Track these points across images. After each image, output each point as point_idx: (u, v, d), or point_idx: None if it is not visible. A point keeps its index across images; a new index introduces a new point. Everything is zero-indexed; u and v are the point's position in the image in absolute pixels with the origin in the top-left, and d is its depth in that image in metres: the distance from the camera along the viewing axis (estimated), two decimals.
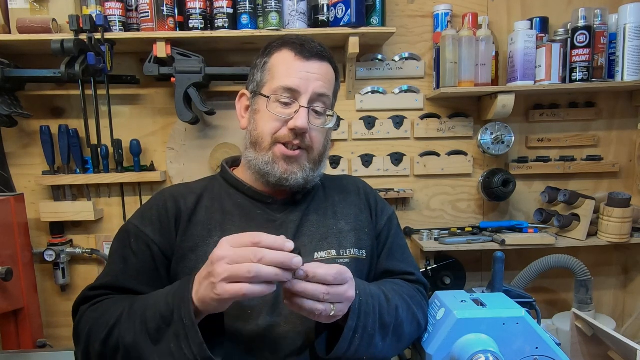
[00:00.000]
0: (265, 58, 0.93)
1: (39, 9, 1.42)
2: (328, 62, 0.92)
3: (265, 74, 0.91)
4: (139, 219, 0.91)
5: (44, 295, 1.63)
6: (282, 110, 0.88)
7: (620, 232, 1.52)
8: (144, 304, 0.76)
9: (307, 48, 0.89)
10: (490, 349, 0.82)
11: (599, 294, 1.73)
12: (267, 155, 0.89)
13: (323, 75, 0.90)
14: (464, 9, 1.60)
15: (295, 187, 0.90)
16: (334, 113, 0.94)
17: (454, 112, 1.66)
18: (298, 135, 0.87)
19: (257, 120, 0.91)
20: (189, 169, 1.61)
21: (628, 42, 1.48)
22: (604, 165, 1.68)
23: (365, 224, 0.98)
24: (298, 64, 0.88)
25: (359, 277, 0.91)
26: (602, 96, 1.67)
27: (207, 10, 1.45)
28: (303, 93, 0.87)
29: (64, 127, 1.53)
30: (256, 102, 0.92)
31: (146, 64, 1.44)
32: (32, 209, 1.58)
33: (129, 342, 0.73)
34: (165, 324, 0.71)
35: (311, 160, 0.91)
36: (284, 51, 0.90)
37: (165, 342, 0.70)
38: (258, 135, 0.90)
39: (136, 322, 0.74)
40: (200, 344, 0.68)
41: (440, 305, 0.94)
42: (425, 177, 1.68)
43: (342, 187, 1.04)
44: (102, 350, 0.77)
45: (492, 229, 1.60)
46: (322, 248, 0.91)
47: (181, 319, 0.69)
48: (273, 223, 0.92)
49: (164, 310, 0.71)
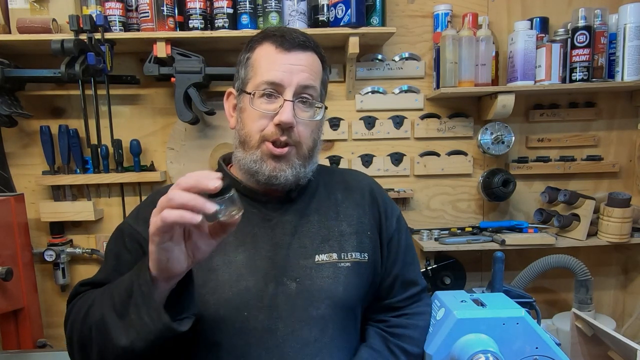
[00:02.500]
0: (248, 53, 0.89)
1: (39, 9, 1.42)
2: (312, 51, 0.88)
3: (248, 70, 0.88)
4: (134, 218, 0.91)
5: (44, 295, 1.63)
6: (267, 106, 0.85)
7: (620, 232, 1.52)
8: (115, 282, 0.76)
9: (288, 39, 0.85)
10: (490, 349, 0.82)
11: (599, 294, 1.73)
12: (255, 154, 0.86)
13: (307, 66, 0.86)
14: (464, 9, 1.60)
15: (285, 185, 0.87)
16: (322, 105, 0.90)
17: (454, 112, 1.66)
18: (285, 131, 0.83)
19: (244, 118, 0.88)
20: (189, 169, 1.61)
21: (628, 42, 1.48)
22: (604, 165, 1.68)
23: (368, 227, 0.95)
24: (280, 57, 0.85)
25: (360, 282, 0.91)
26: (602, 96, 1.67)
27: (207, 10, 1.45)
28: (287, 86, 0.83)
29: (64, 127, 1.53)
30: (241, 100, 0.89)
31: (146, 64, 1.44)
32: (32, 209, 1.58)
33: (98, 319, 0.72)
34: (127, 295, 0.70)
35: (301, 156, 0.87)
36: (265, 45, 0.87)
37: (129, 313, 0.69)
38: (245, 134, 0.87)
39: (104, 299, 0.74)
40: (157, 308, 0.66)
41: (440, 305, 0.94)
42: (425, 177, 1.68)
43: (346, 184, 1.00)
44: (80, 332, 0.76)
45: (492, 229, 1.60)
46: (324, 250, 0.89)
47: (140, 287, 0.68)
48: (269, 222, 0.90)
49: (127, 283, 0.71)
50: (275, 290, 0.84)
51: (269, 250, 0.87)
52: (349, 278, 0.89)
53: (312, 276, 0.86)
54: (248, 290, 0.84)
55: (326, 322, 0.86)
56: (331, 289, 0.87)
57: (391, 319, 0.96)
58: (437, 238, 1.57)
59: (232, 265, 0.85)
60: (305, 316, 0.84)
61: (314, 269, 0.87)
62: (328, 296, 0.86)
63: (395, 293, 0.97)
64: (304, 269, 0.87)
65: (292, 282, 0.85)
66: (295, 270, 0.86)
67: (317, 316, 0.85)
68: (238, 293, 0.83)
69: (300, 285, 0.85)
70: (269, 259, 0.86)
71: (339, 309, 0.88)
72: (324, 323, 0.86)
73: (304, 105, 0.86)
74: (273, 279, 0.85)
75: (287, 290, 0.85)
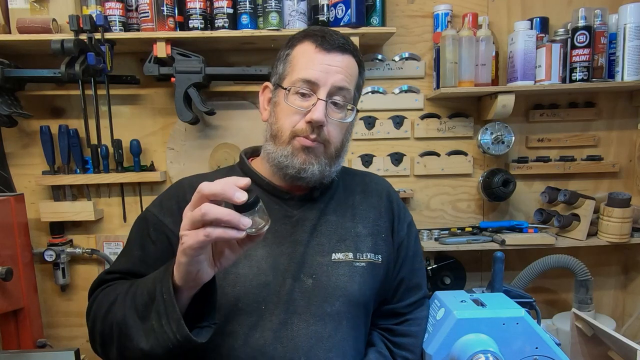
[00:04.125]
0: (288, 50, 0.91)
1: (39, 9, 1.42)
2: (351, 54, 0.89)
3: (286, 66, 0.90)
4: (158, 208, 0.91)
5: (44, 295, 1.62)
6: (301, 103, 0.86)
7: (620, 232, 1.52)
8: (138, 282, 0.76)
9: (328, 40, 0.87)
10: (490, 349, 0.82)
11: (599, 294, 1.73)
12: (286, 149, 0.87)
13: (344, 68, 0.88)
14: (464, 9, 1.60)
15: (311, 179, 0.88)
16: (354, 107, 0.92)
17: (454, 112, 1.66)
18: (315, 129, 0.85)
19: (277, 113, 0.90)
20: (189, 169, 1.61)
21: (628, 42, 1.48)
22: (604, 165, 1.68)
23: (382, 229, 0.97)
24: (318, 56, 0.87)
25: (374, 282, 0.92)
26: (602, 96, 1.67)
27: (207, 10, 1.45)
28: (322, 86, 0.85)
29: (64, 127, 1.53)
30: (277, 94, 0.91)
31: (146, 64, 1.44)
32: (32, 209, 1.58)
33: (120, 319, 0.73)
34: (150, 300, 0.70)
35: (328, 155, 0.89)
36: (305, 43, 0.89)
37: (150, 319, 0.70)
38: (278, 129, 0.89)
39: (127, 299, 0.74)
40: (177, 319, 0.66)
41: (440, 305, 0.94)
42: (425, 177, 1.68)
43: (365, 187, 1.02)
44: (101, 328, 0.77)
45: (492, 229, 1.60)
46: (340, 250, 0.91)
47: (162, 293, 0.68)
48: (290, 219, 0.91)
49: (150, 287, 0.71)
50: (292, 286, 0.86)
51: (288, 246, 0.89)
52: (364, 277, 0.90)
53: (328, 273, 0.88)
54: (267, 285, 0.85)
55: (340, 319, 0.87)
56: (346, 287, 0.88)
57: (396, 328, 0.98)
58: (437, 238, 1.57)
59: (253, 259, 0.87)
60: (320, 312, 0.86)
61: (331, 266, 0.89)
62: (343, 293, 0.88)
63: (400, 297, 0.99)
64: (321, 266, 0.89)
65: (309, 279, 0.87)
66: (312, 267, 0.88)
67: (331, 312, 0.87)
68: (257, 287, 0.85)
69: (316, 282, 0.87)
70: (288, 255, 0.88)
71: (352, 306, 0.89)
72: (338, 319, 0.87)
73: (335, 107, 0.88)
74: (290, 274, 0.87)
75: (304, 286, 0.87)
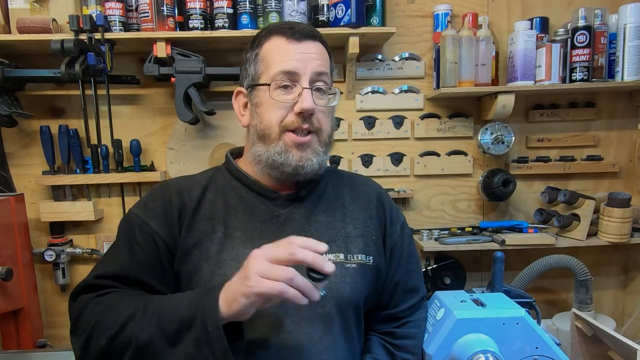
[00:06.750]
0: (256, 50, 0.91)
1: (39, 9, 1.42)
2: (319, 41, 0.91)
3: (258, 66, 0.90)
4: (143, 210, 0.90)
5: (44, 295, 1.62)
6: (285, 96, 0.86)
7: (620, 232, 1.52)
8: (160, 304, 0.76)
9: (297, 30, 0.88)
10: (490, 349, 0.82)
11: (599, 294, 1.73)
12: (278, 146, 0.87)
13: (318, 54, 0.89)
14: (464, 9, 1.60)
15: (310, 174, 0.89)
16: (336, 90, 0.92)
17: (454, 112, 1.66)
18: (306, 119, 0.86)
19: (261, 112, 0.89)
20: (189, 169, 1.61)
21: (628, 42, 1.48)
22: (604, 165, 1.68)
23: (373, 231, 0.96)
24: (292, 47, 0.87)
25: (365, 283, 0.91)
26: (602, 96, 1.67)
27: (207, 10, 1.45)
28: (302, 74, 0.86)
29: (64, 127, 1.53)
30: (255, 95, 0.90)
31: (146, 64, 1.44)
32: (32, 209, 1.58)
33: (144, 341, 0.73)
34: (184, 327, 0.71)
35: (322, 143, 0.90)
36: (274, 38, 0.89)
37: (184, 345, 0.71)
38: (265, 127, 0.88)
39: (152, 322, 0.74)
40: (225, 351, 0.68)
41: (440, 305, 0.94)
42: (425, 177, 1.68)
43: (354, 188, 1.01)
44: (107, 346, 0.76)
45: (492, 229, 1.60)
46: (331, 250, 0.89)
47: (204, 324, 0.69)
48: (277, 219, 0.90)
49: (185, 314, 0.72)
50: None
51: None
52: (355, 279, 0.89)
53: None
54: None
55: (332, 321, 0.86)
56: (338, 289, 0.87)
57: (396, 331, 0.97)
58: (437, 238, 1.57)
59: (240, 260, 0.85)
60: (311, 314, 0.85)
61: None
62: (334, 295, 0.87)
63: (397, 301, 0.98)
64: None
65: None
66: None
67: (322, 314, 0.86)
68: None
69: None
70: None
71: (344, 308, 0.88)
72: (329, 321, 0.86)
73: (319, 93, 0.88)
74: None
75: None
